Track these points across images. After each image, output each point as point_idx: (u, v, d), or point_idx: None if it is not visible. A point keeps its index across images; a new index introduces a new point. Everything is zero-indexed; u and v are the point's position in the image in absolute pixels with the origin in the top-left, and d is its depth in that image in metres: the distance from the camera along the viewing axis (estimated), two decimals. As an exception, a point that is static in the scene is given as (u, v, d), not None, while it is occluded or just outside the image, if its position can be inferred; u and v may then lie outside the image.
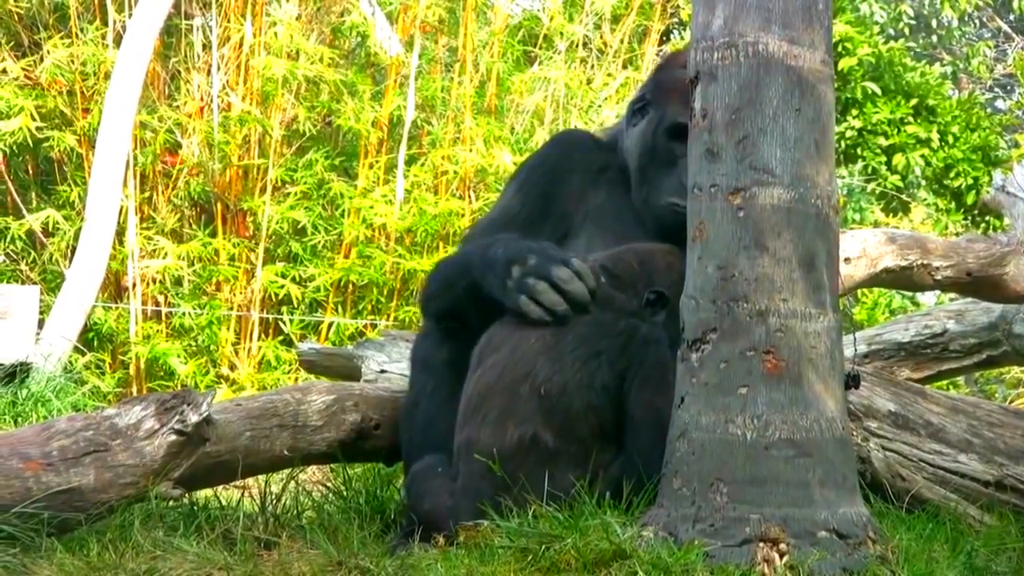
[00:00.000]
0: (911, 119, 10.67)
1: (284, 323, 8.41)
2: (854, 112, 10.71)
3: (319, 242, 8.50)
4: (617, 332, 3.24)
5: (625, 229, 3.59)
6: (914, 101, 10.70)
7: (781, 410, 2.92)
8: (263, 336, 8.41)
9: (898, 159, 10.64)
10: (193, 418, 3.34)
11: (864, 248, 5.41)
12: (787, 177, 2.98)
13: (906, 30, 14.95)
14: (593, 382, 3.22)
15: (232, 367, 8.25)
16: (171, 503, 3.40)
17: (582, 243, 3.58)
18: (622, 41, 9.77)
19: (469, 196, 8.85)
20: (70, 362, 7.40)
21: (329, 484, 3.93)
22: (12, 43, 8.67)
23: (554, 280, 3.23)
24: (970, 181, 10.51)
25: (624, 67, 9.75)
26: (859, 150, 10.76)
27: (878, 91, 10.61)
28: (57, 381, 6.47)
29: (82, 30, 8.48)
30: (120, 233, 8.06)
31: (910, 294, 10.20)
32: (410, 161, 8.82)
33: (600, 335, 3.25)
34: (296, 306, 8.45)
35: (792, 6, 3.03)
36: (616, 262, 3.38)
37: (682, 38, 10.50)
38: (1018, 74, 12.86)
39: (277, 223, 8.42)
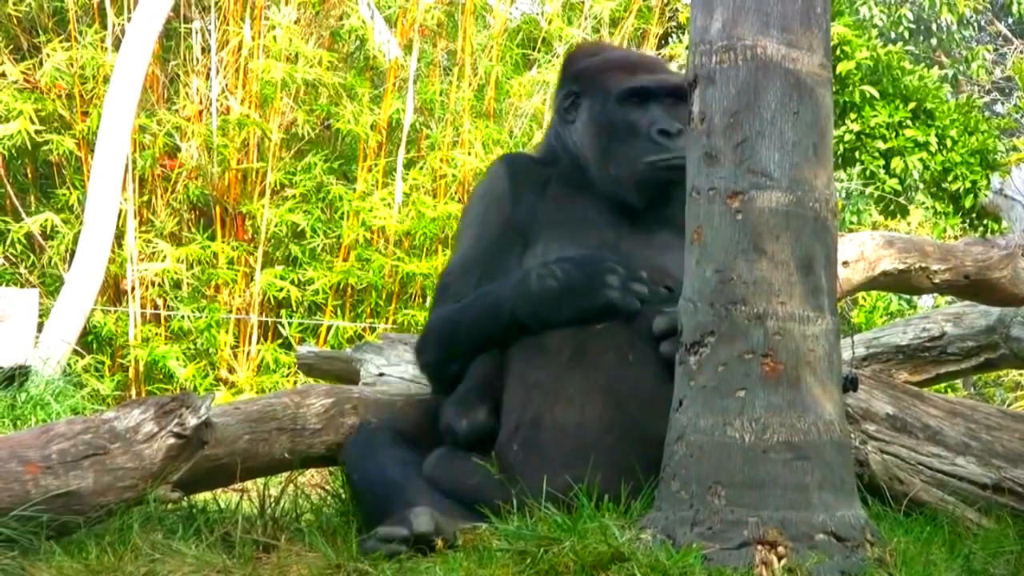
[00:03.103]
0: (909, 123, 10.67)
1: (283, 326, 8.41)
2: (852, 116, 10.70)
3: (318, 245, 8.51)
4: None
5: (575, 232, 3.64)
6: (912, 105, 10.69)
7: (779, 413, 2.92)
8: (262, 339, 8.41)
9: (896, 163, 10.64)
10: (192, 421, 3.35)
11: (862, 251, 5.41)
12: (785, 180, 2.99)
13: (905, 33, 14.96)
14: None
15: (231, 370, 8.25)
16: (170, 506, 3.41)
17: (539, 251, 3.64)
18: (621, 44, 9.78)
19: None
20: (69, 365, 7.41)
21: (328, 487, 3.93)
22: (11, 47, 8.68)
23: (645, 281, 3.46)
24: (968, 185, 10.49)
25: (623, 70, 9.74)
26: (857, 153, 10.75)
27: (876, 95, 10.60)
28: (56, 384, 6.48)
29: (81, 33, 8.48)
30: (119, 236, 8.06)
31: (906, 296, 10.21)
32: (409, 164, 8.82)
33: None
34: (295, 309, 8.45)
35: (790, 10, 3.03)
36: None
37: (680, 41, 10.50)
38: (1017, 78, 12.86)
39: (276, 226, 8.42)
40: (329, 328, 8.44)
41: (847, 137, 10.64)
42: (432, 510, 3.18)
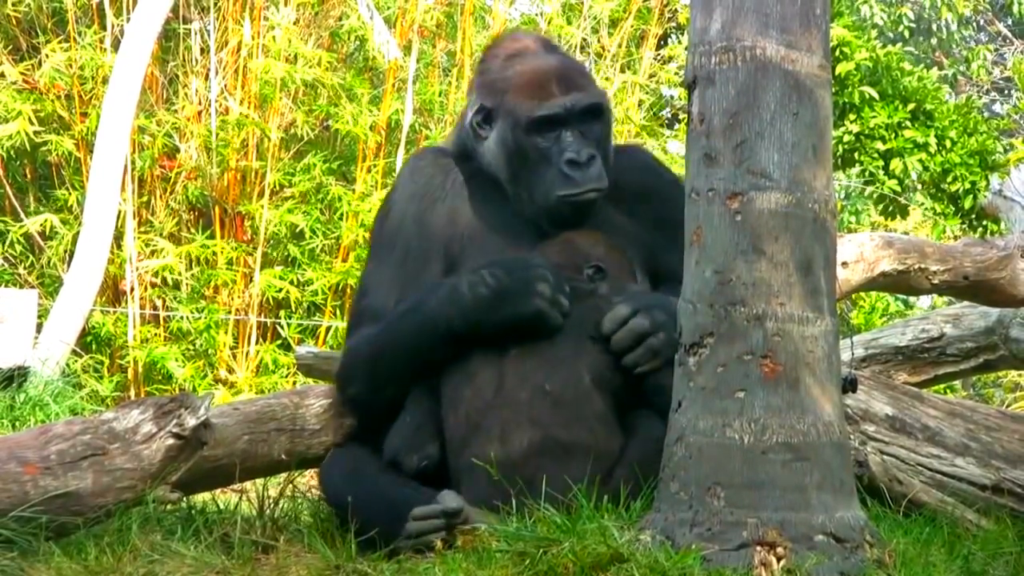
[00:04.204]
0: (908, 123, 10.67)
1: (282, 327, 8.40)
2: (851, 116, 10.70)
3: (317, 246, 8.50)
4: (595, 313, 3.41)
5: (499, 233, 3.59)
6: (912, 106, 10.69)
7: (778, 414, 2.92)
8: (261, 340, 8.41)
9: (896, 163, 10.64)
10: (191, 422, 3.35)
11: (861, 252, 5.41)
12: (784, 181, 2.99)
13: (906, 33, 14.97)
14: (592, 368, 3.34)
15: (230, 371, 8.25)
16: (169, 507, 3.40)
17: (465, 256, 3.57)
18: (620, 45, 9.78)
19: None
20: (68, 366, 7.40)
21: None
22: (10, 47, 8.67)
23: (568, 294, 3.41)
24: (967, 185, 10.50)
25: (622, 71, 9.75)
26: (856, 154, 10.76)
27: (875, 96, 10.60)
28: (55, 385, 6.47)
29: (80, 34, 8.48)
30: (118, 237, 8.05)
31: (903, 297, 10.21)
32: (408, 165, 8.80)
33: (581, 323, 3.39)
34: (294, 310, 8.45)
35: (790, 11, 3.03)
36: (548, 254, 3.49)
37: (679, 42, 10.50)
38: (1016, 79, 12.87)
39: (275, 227, 8.42)
40: (328, 329, 8.43)
41: (846, 138, 10.64)
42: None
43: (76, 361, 7.76)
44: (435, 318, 3.41)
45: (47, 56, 8.37)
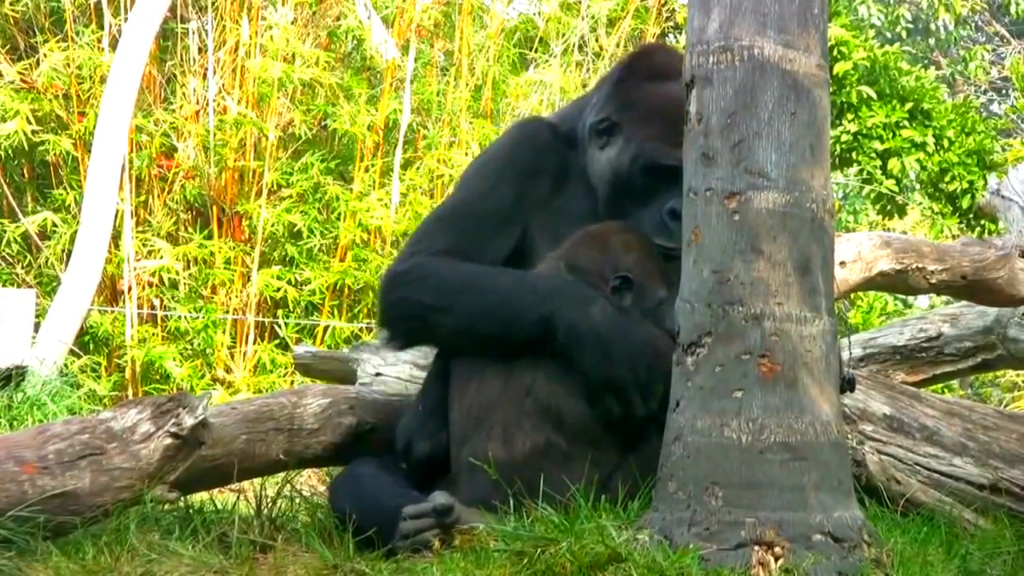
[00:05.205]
0: (906, 123, 10.68)
1: (280, 326, 8.40)
2: (849, 116, 10.71)
3: (315, 245, 8.50)
4: None
5: (574, 214, 3.55)
6: (909, 105, 10.70)
7: (776, 414, 2.92)
8: (259, 339, 8.40)
9: (893, 163, 10.65)
10: (189, 421, 3.35)
11: (859, 252, 5.41)
12: (782, 181, 2.99)
13: (903, 33, 14.98)
14: None
15: (228, 370, 8.24)
16: (167, 506, 3.40)
17: (542, 238, 3.54)
18: (618, 44, 9.77)
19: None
20: (66, 365, 7.40)
21: (325, 488, 3.93)
22: (8, 46, 8.67)
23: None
24: (965, 185, 10.51)
25: (620, 70, 9.74)
26: (854, 154, 10.77)
27: (873, 95, 10.61)
28: (53, 384, 6.47)
29: (78, 34, 8.48)
30: (116, 237, 8.06)
31: (901, 296, 10.22)
32: (406, 165, 8.82)
33: None
34: (292, 309, 8.44)
35: (787, 10, 3.03)
36: (577, 255, 3.44)
37: (677, 41, 10.50)
38: (1014, 78, 12.88)
39: (273, 226, 8.42)
40: (326, 328, 8.43)
41: (844, 138, 10.65)
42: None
43: (74, 361, 7.76)
44: (543, 300, 3.33)
45: (45, 56, 8.37)
